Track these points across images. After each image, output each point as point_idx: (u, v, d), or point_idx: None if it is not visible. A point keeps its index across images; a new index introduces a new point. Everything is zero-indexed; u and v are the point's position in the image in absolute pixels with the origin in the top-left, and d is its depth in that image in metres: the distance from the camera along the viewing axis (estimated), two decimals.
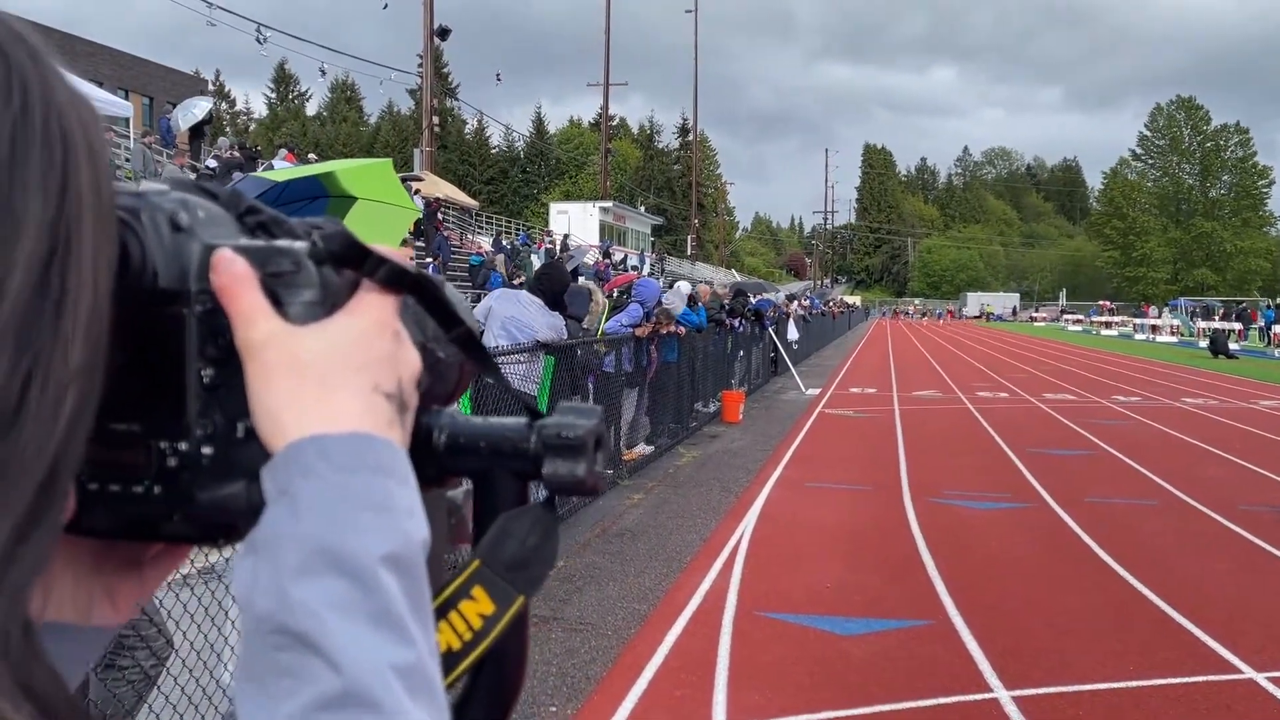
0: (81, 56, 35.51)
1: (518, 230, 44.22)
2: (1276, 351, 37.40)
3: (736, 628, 5.18)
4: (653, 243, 66.81)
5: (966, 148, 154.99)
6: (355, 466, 0.47)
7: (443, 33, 30.05)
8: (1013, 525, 7.65)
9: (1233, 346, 35.03)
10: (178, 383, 0.51)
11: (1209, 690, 4.43)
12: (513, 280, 20.46)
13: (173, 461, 0.51)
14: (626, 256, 45.16)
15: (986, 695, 4.33)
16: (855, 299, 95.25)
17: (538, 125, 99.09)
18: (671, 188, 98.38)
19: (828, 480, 9.42)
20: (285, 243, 0.52)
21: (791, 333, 22.67)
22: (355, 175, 5.49)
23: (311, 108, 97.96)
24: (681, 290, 13.03)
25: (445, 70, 79.17)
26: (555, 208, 60.81)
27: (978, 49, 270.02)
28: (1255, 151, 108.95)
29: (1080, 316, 79.59)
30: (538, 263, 23.53)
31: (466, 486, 0.60)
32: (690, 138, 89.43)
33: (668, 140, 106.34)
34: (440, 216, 28.69)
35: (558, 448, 0.55)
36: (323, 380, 0.49)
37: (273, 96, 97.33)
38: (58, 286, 0.43)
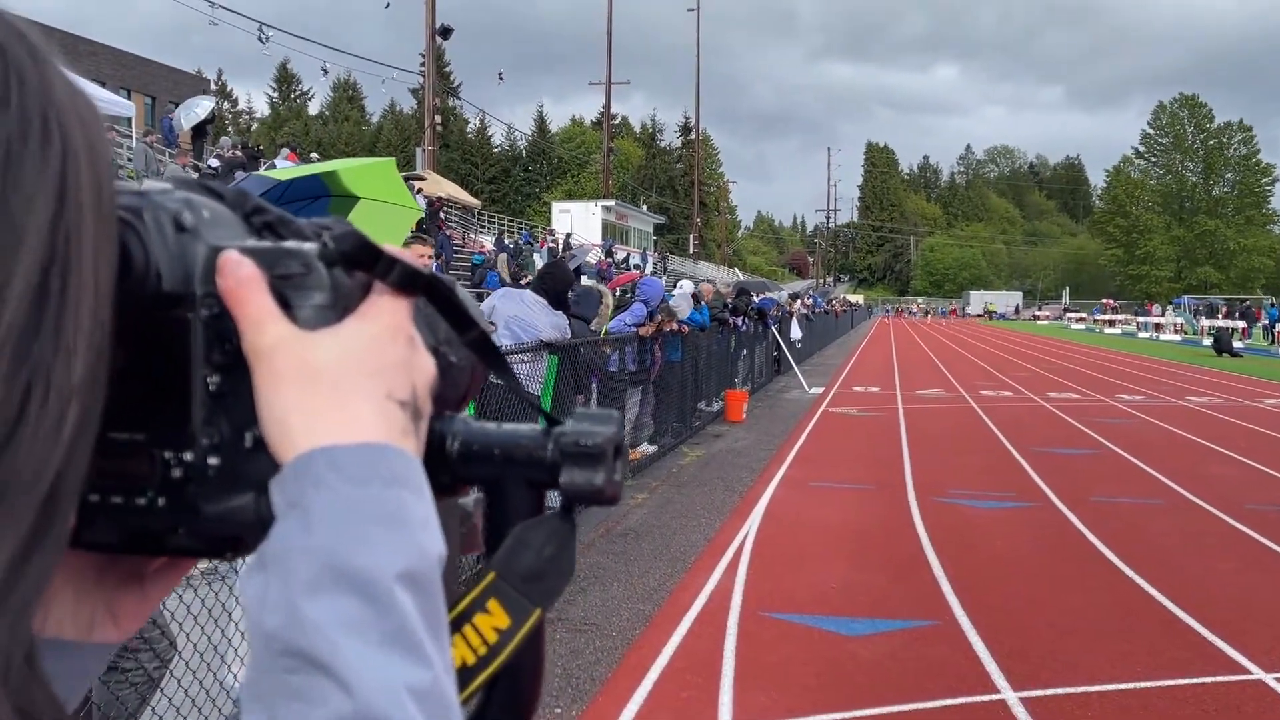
0: (84, 56, 35.54)
1: (520, 229, 44.21)
2: None
3: (742, 628, 5.16)
4: (655, 241, 66.81)
5: (969, 146, 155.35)
6: (369, 478, 0.45)
7: (445, 32, 30.04)
8: (1018, 525, 7.62)
9: (1237, 345, 34.99)
10: (182, 390, 0.49)
11: (1217, 691, 4.41)
12: (519, 281, 20.43)
13: (177, 472, 0.49)
14: (629, 255, 45.14)
15: (994, 696, 4.30)
16: (858, 298, 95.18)
17: (540, 124, 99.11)
18: (674, 186, 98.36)
19: (832, 480, 9.39)
20: (294, 244, 0.50)
21: (794, 331, 22.64)
22: (358, 174, 5.47)
23: (314, 107, 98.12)
24: (686, 291, 13.01)
25: (447, 69, 79.21)
26: (557, 207, 60.79)
27: (980, 47, 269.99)
28: (1258, 149, 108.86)
29: (1083, 315, 79.54)
30: (540, 262, 23.52)
31: (478, 493, 0.59)
32: (692, 136, 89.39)
33: (670, 139, 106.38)
34: (443, 216, 28.69)
35: (575, 456, 0.53)
36: (334, 388, 0.47)
37: (275, 96, 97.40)
38: (58, 293, 0.41)
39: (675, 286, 13.43)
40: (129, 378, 0.49)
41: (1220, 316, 50.47)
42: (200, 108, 24.66)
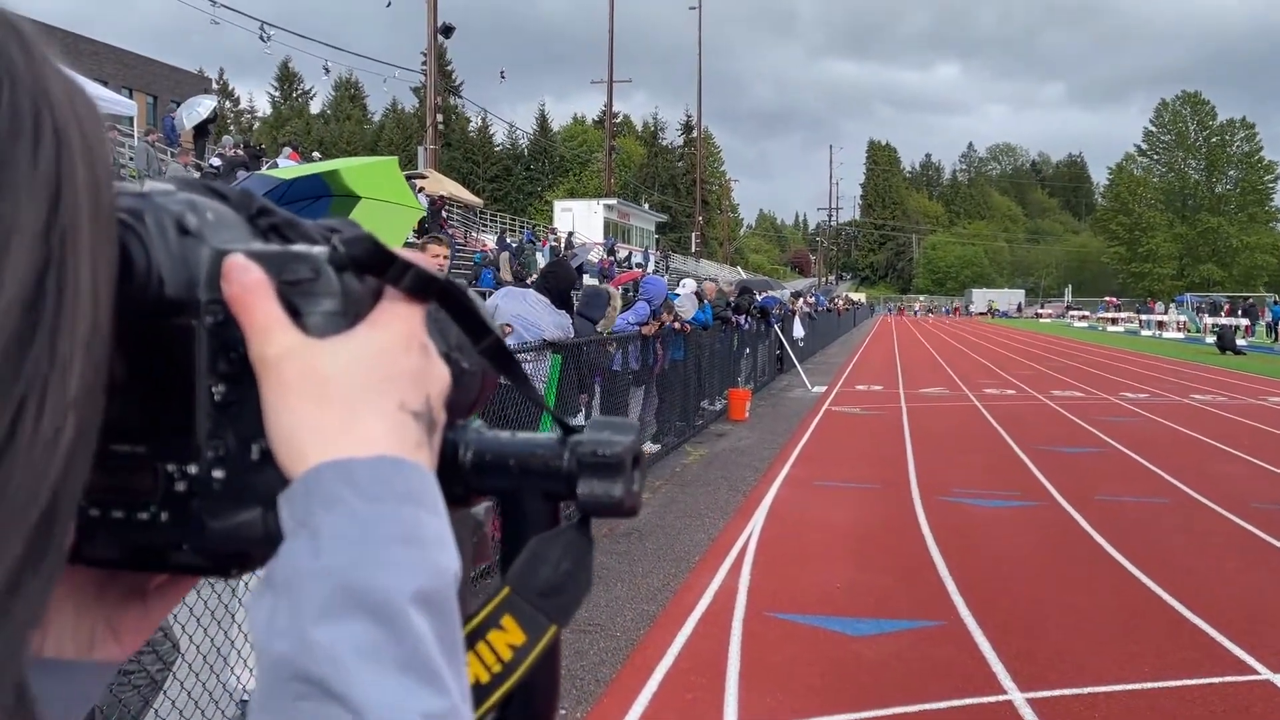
0: (85, 55, 35.55)
1: (522, 228, 44.20)
2: None
3: (746, 629, 5.14)
4: (657, 240, 66.77)
5: (971, 143, 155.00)
6: (382, 495, 0.43)
7: (446, 30, 30.00)
8: (1023, 524, 7.60)
9: (1240, 342, 34.92)
10: (186, 400, 0.47)
11: (1225, 691, 4.38)
12: (522, 280, 20.40)
13: (181, 486, 0.47)
14: (631, 254, 45.12)
15: (1001, 697, 4.28)
16: (860, 296, 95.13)
17: (541, 123, 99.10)
18: (676, 185, 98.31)
19: (836, 479, 9.37)
20: (303, 247, 0.48)
21: (797, 330, 22.62)
22: (360, 173, 5.45)
23: (315, 106, 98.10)
24: (689, 290, 12.99)
25: (449, 68, 79.18)
26: (559, 205, 60.76)
27: (982, 45, 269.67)
28: (1261, 146, 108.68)
29: (1086, 313, 79.46)
30: (543, 261, 23.50)
31: (488, 502, 0.57)
32: (694, 134, 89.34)
33: (672, 137, 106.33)
34: (444, 215, 28.67)
35: (593, 466, 0.51)
36: (345, 399, 0.45)
37: (276, 95, 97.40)
38: (53, 302, 0.38)
39: (679, 285, 13.40)
40: (130, 388, 0.47)
41: (1223, 314, 50.40)
42: (202, 107, 24.64)
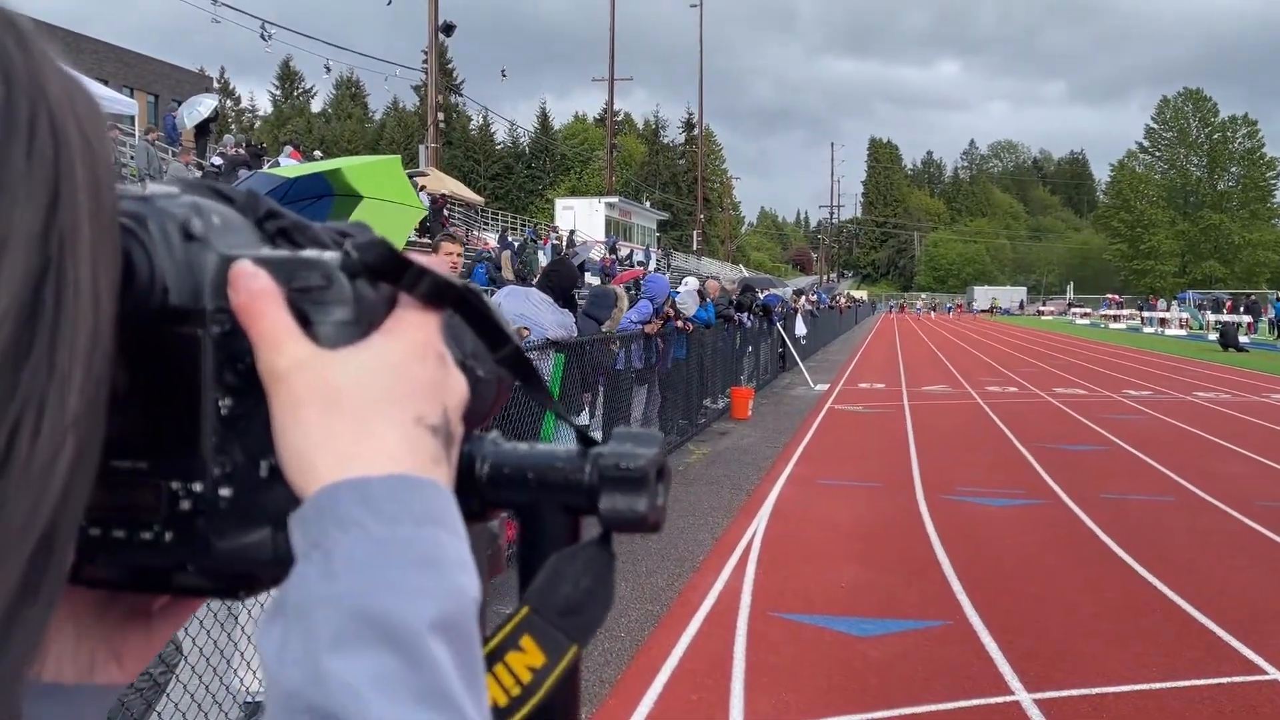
0: (86, 54, 35.54)
1: (524, 226, 44.17)
2: None
3: (752, 629, 5.11)
4: (658, 238, 66.72)
5: (973, 141, 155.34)
6: (399, 515, 0.40)
7: (447, 29, 29.95)
8: (1028, 522, 7.57)
9: (1242, 339, 34.86)
10: (191, 414, 0.45)
11: (1233, 691, 4.36)
12: (524, 278, 20.37)
13: (186, 504, 0.45)
14: (632, 252, 45.09)
15: (1008, 698, 4.26)
16: (862, 293, 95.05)
17: (542, 121, 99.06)
18: (677, 183, 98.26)
19: (839, 477, 9.35)
20: (313, 253, 0.46)
21: (799, 328, 22.60)
22: (362, 172, 5.44)
23: (316, 105, 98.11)
24: (691, 289, 12.97)
25: (450, 66, 79.15)
26: (561, 203, 60.71)
27: (983, 42, 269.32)
28: (1263, 143, 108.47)
29: (1088, 310, 79.37)
30: (544, 259, 23.48)
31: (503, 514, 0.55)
32: (695, 132, 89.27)
33: (673, 135, 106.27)
34: (446, 213, 28.64)
35: (616, 480, 0.49)
36: (359, 413, 0.42)
37: (277, 94, 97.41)
38: (51, 312, 0.36)
39: (681, 284, 13.38)
40: (132, 401, 0.45)
41: (1225, 311, 50.34)
42: (203, 106, 24.64)
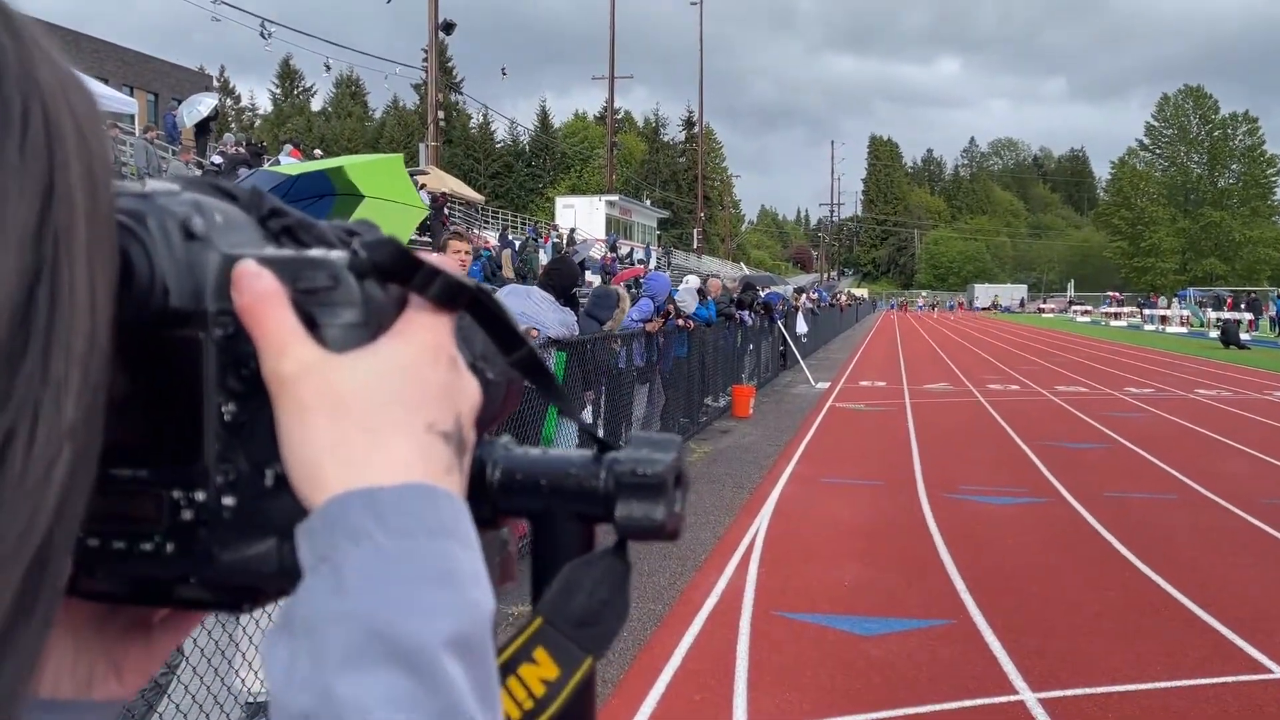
0: (86, 53, 35.51)
1: (524, 224, 44.15)
2: None
3: (754, 628, 5.10)
4: (659, 236, 66.70)
5: (973, 139, 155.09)
6: (411, 528, 0.39)
7: (447, 27, 29.91)
8: (1031, 521, 7.55)
9: (1244, 337, 34.83)
10: (193, 420, 0.43)
11: (1239, 691, 4.34)
12: (523, 277, 20.36)
13: (188, 514, 0.43)
14: (633, 250, 45.07)
15: (1012, 698, 4.24)
16: (862, 291, 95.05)
17: (543, 119, 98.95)
18: (677, 181, 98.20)
19: (841, 475, 9.33)
20: (320, 253, 0.44)
21: (800, 326, 22.58)
22: (364, 171, 5.42)
23: (316, 103, 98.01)
24: (691, 287, 12.95)
25: (450, 65, 79.12)
26: (561, 201, 60.68)
27: (983, 40, 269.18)
28: (1264, 140, 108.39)
29: (1089, 308, 79.34)
30: (545, 258, 23.47)
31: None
32: (696, 130, 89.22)
33: (673, 133, 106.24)
34: (446, 212, 28.61)
35: (633, 487, 0.48)
36: (369, 420, 0.40)
37: (277, 92, 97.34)
38: (45, 314, 0.34)
39: (682, 282, 13.36)
40: (131, 407, 0.43)
41: (1226, 308, 50.31)
42: (203, 105, 24.61)
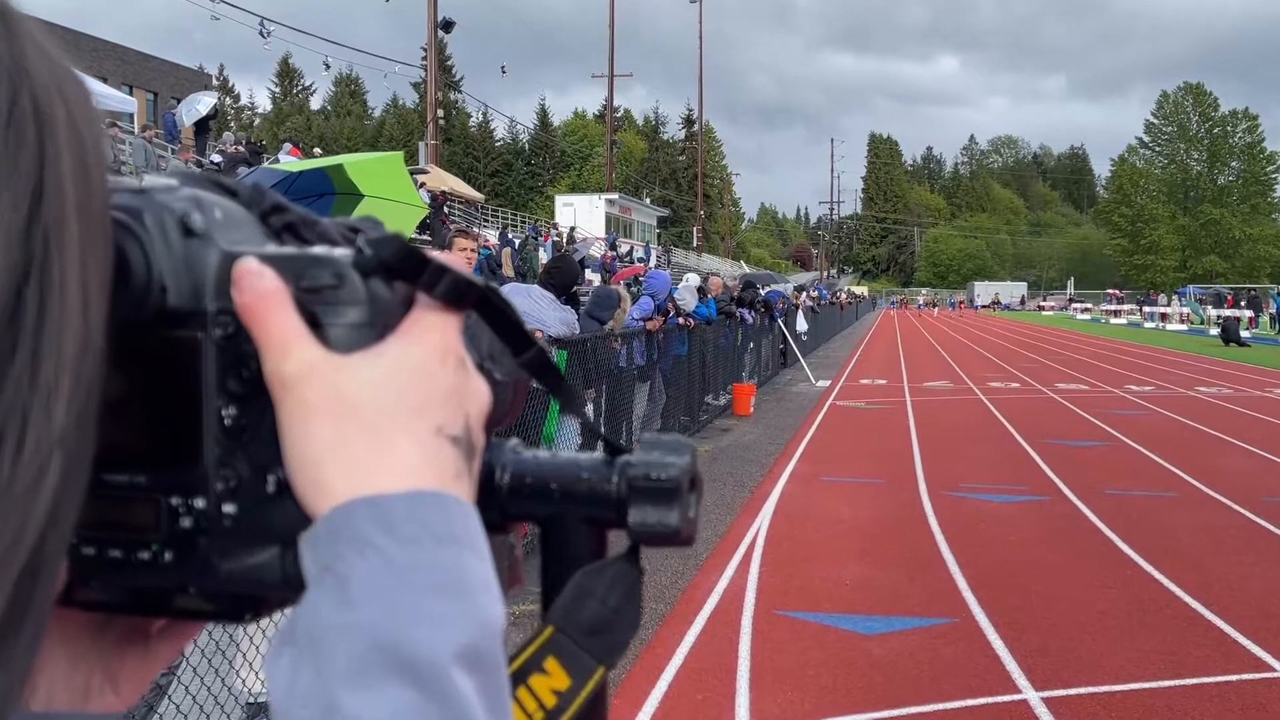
0: (85, 52, 35.49)
1: (524, 223, 44.14)
2: None
3: (756, 627, 5.09)
4: (658, 234, 66.67)
5: (972, 136, 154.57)
6: (420, 536, 0.37)
7: (446, 25, 29.89)
8: (1032, 519, 7.54)
9: (1244, 334, 34.83)
10: (192, 424, 0.41)
11: (1242, 689, 4.33)
12: (523, 275, 20.34)
13: (187, 522, 0.42)
14: (632, 248, 45.05)
15: (1016, 697, 4.23)
16: (862, 289, 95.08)
17: (542, 117, 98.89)
18: (677, 179, 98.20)
19: (842, 474, 9.32)
20: (323, 250, 0.42)
21: (800, 324, 22.57)
22: (365, 169, 5.40)
23: (316, 102, 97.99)
24: (691, 284, 12.94)
25: (449, 63, 79.07)
26: (561, 200, 60.63)
27: (982, 37, 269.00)
28: (1264, 137, 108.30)
29: (1089, 305, 79.34)
30: (545, 256, 23.45)
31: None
32: (695, 128, 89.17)
33: (672, 131, 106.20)
34: (446, 210, 28.60)
35: (646, 491, 0.46)
36: (375, 423, 0.39)
37: (277, 91, 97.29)
38: (34, 315, 0.33)
39: (681, 280, 13.35)
40: (128, 411, 0.41)
41: (1227, 306, 50.31)
42: (202, 104, 24.58)
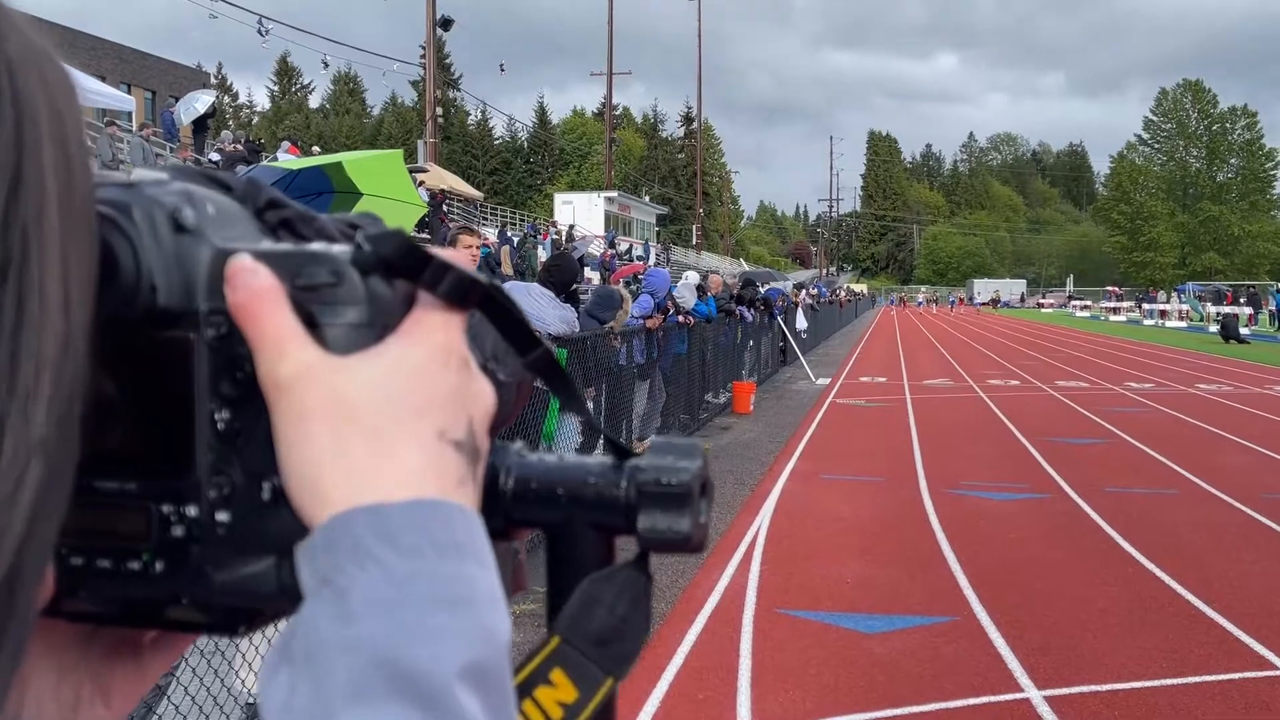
0: (84, 51, 35.45)
1: (523, 221, 44.11)
2: None
3: (757, 626, 5.07)
4: (658, 232, 66.64)
5: (971, 133, 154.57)
6: (422, 547, 0.35)
7: (445, 23, 29.86)
8: (1033, 517, 7.53)
9: (1244, 331, 34.84)
10: (184, 429, 0.40)
11: (1245, 687, 4.32)
12: (521, 274, 20.34)
13: (179, 530, 0.40)
14: (631, 246, 45.03)
15: (1018, 695, 4.22)
16: (862, 287, 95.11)
17: (541, 115, 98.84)
18: (676, 177, 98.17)
19: (843, 472, 9.30)
20: (320, 246, 0.40)
21: (800, 322, 22.56)
22: (364, 167, 5.38)
23: (314, 100, 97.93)
24: (691, 282, 12.92)
25: (448, 61, 79.01)
26: (560, 198, 60.59)
27: (980, 34, 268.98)
28: (1262, 134, 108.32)
29: (1088, 302, 79.36)
30: (544, 254, 23.44)
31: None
32: (694, 126, 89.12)
33: (671, 129, 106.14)
34: (445, 209, 28.58)
35: (656, 496, 0.45)
36: (375, 428, 0.37)
37: (275, 89, 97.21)
38: (11, 316, 0.31)
39: (681, 278, 13.34)
40: (116, 414, 0.39)
41: (1226, 303, 50.33)
42: (200, 102, 24.52)
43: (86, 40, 37.20)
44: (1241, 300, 50.93)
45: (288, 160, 10.00)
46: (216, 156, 20.62)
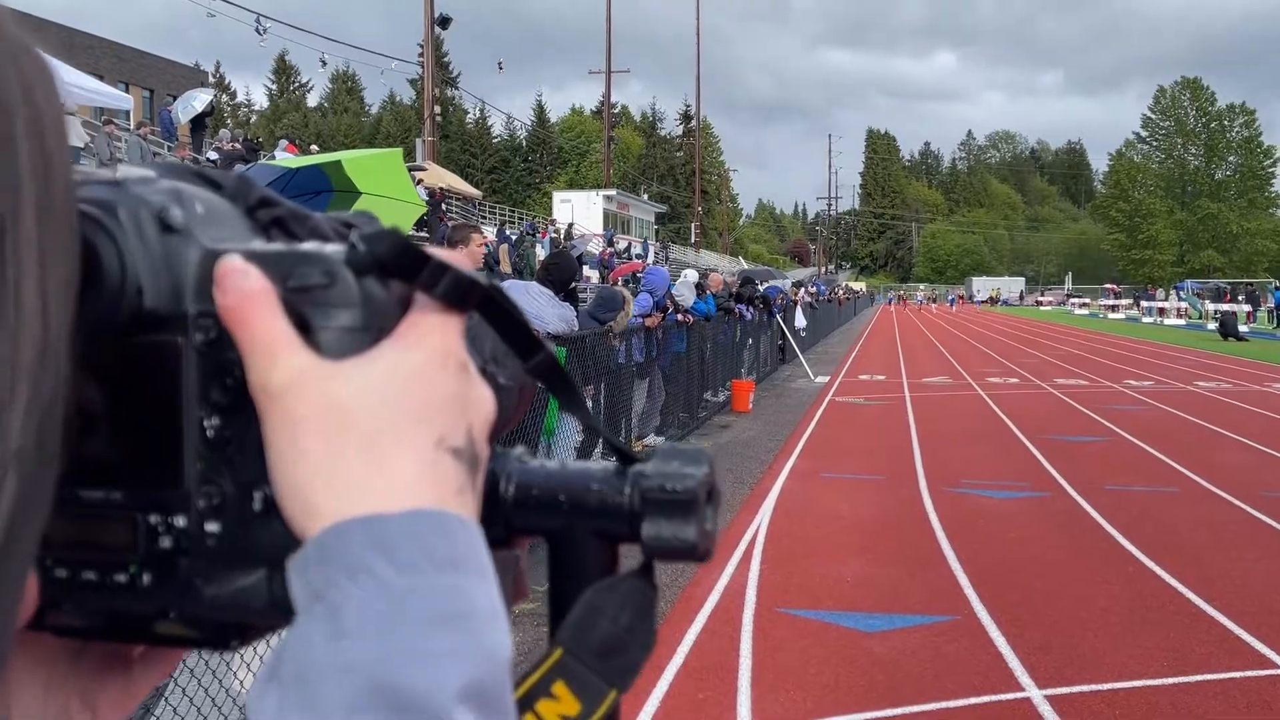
0: (81, 50, 35.41)
1: (521, 220, 44.09)
2: None
3: (757, 625, 5.06)
4: (656, 231, 66.61)
5: (970, 131, 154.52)
6: (419, 561, 0.34)
7: (443, 21, 29.84)
8: (1033, 515, 7.52)
9: (1242, 329, 34.85)
10: (172, 437, 0.38)
11: (1246, 686, 4.31)
12: (520, 272, 20.32)
13: (167, 541, 0.38)
14: (630, 245, 45.01)
15: (1019, 695, 4.20)
16: (860, 285, 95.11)
17: (539, 114, 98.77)
18: (674, 175, 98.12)
19: (842, 470, 9.29)
20: (313, 246, 0.39)
21: (799, 320, 22.55)
22: (363, 166, 5.36)
23: (312, 99, 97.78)
24: (689, 280, 12.91)
25: (446, 59, 78.96)
26: (558, 196, 60.55)
27: (979, 32, 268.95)
28: (1261, 131, 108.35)
29: (1087, 300, 79.40)
30: (542, 253, 23.42)
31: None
32: (693, 124, 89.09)
33: (670, 127, 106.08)
34: (444, 207, 28.56)
35: (661, 504, 0.43)
36: (370, 436, 0.36)
37: (273, 88, 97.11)
38: None
39: (680, 277, 13.32)
40: (102, 421, 0.38)
41: (1225, 300, 50.36)
42: (198, 100, 24.48)
43: (84, 39, 37.17)
44: (1240, 298, 50.94)
45: (286, 159, 9.99)
46: (214, 155, 20.60)
